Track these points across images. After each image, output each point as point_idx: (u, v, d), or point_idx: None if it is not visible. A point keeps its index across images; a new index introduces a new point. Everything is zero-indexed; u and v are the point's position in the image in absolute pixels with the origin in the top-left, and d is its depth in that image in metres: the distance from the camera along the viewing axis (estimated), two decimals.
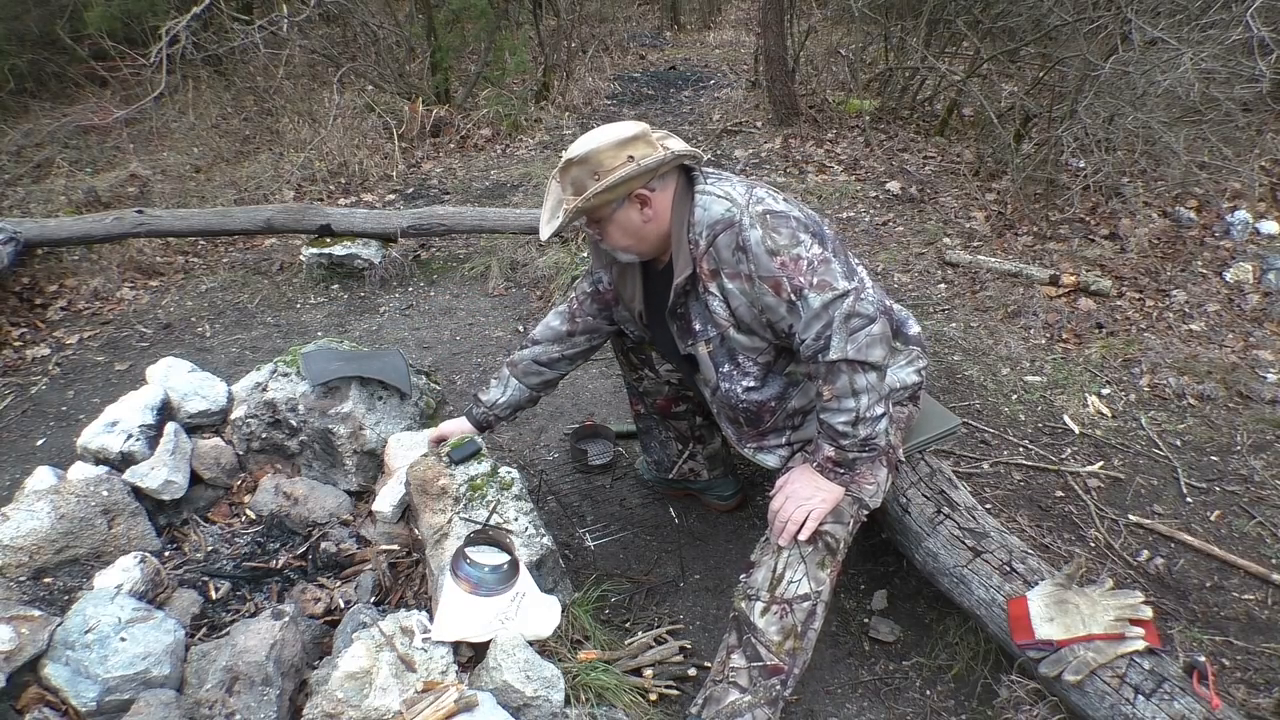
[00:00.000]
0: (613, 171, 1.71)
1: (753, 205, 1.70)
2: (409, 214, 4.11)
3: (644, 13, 10.24)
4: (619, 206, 1.76)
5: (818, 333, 1.66)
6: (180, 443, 2.37)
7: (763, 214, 1.68)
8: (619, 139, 1.72)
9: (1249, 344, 3.29)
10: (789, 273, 1.65)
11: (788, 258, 1.65)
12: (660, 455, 2.47)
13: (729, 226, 1.69)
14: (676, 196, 1.78)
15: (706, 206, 1.73)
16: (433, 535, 2.03)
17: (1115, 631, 1.69)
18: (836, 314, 1.64)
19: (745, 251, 1.67)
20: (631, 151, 1.72)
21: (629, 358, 2.32)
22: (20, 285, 3.95)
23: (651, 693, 1.90)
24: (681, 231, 1.76)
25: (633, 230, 1.80)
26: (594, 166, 1.72)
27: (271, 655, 1.74)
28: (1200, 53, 3.43)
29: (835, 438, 1.74)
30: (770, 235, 1.66)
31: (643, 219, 1.78)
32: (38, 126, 6.28)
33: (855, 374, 1.67)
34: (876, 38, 6.23)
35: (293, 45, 5.82)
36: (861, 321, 1.65)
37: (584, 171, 1.73)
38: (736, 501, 2.54)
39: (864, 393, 1.69)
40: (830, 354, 1.66)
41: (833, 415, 1.72)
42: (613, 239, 1.83)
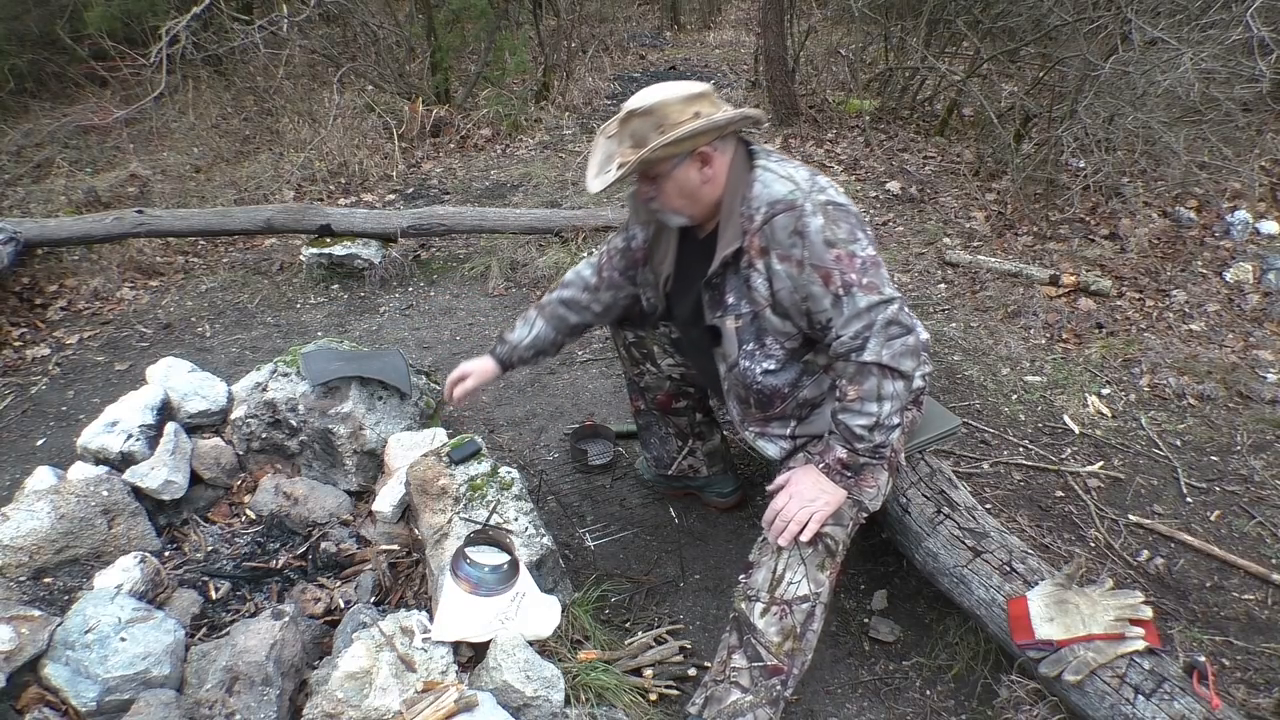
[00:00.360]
0: (679, 125, 1.66)
1: (816, 193, 1.68)
2: (409, 214, 4.11)
3: (644, 13, 10.23)
4: (679, 163, 1.72)
5: (857, 332, 1.66)
6: (180, 443, 2.37)
7: (825, 204, 1.67)
8: (686, 94, 1.69)
9: (1249, 344, 3.29)
10: (842, 267, 1.64)
11: (844, 252, 1.65)
12: (660, 452, 2.47)
13: (790, 208, 1.66)
14: (734, 164, 1.75)
15: (767, 183, 1.70)
16: (433, 535, 2.03)
17: (1115, 631, 1.69)
18: (879, 318, 1.64)
19: (802, 237, 1.66)
20: (698, 108, 1.68)
21: (630, 352, 2.31)
22: (20, 285, 3.95)
23: (651, 693, 1.90)
24: (735, 202, 1.74)
25: (689, 190, 1.76)
26: (659, 119, 1.67)
27: (271, 655, 1.74)
28: (1200, 53, 3.43)
29: (850, 440, 1.73)
30: (831, 226, 1.65)
31: (701, 179, 1.74)
32: (38, 126, 6.28)
33: (884, 380, 1.67)
34: (876, 38, 6.23)
35: (293, 45, 5.82)
36: (900, 330, 1.66)
37: (648, 124, 1.68)
38: (736, 499, 2.53)
39: (888, 400, 1.68)
40: (865, 355, 1.65)
41: (853, 417, 1.71)
42: (667, 198, 1.78)
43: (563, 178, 5.14)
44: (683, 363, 2.28)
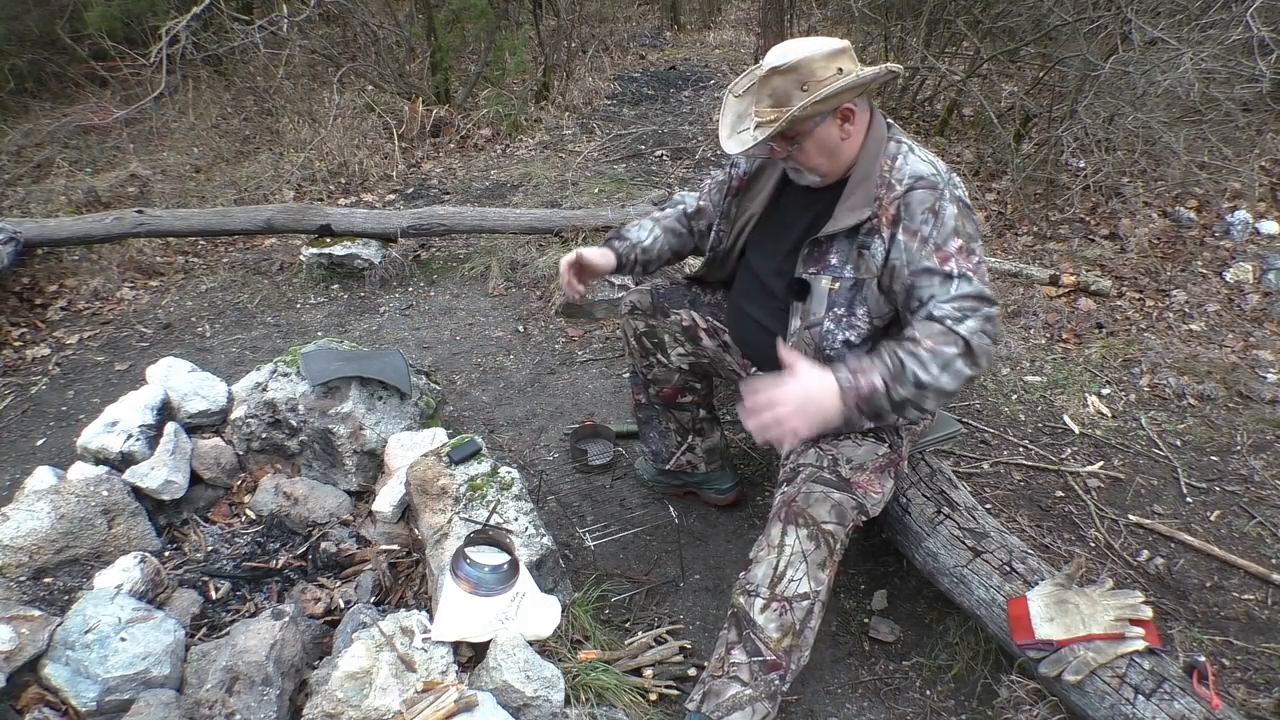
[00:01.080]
0: (824, 83, 1.64)
1: (953, 186, 1.71)
2: (409, 214, 4.11)
3: (644, 13, 10.23)
4: (822, 121, 1.69)
5: (961, 307, 1.63)
6: (180, 443, 2.37)
7: (960, 198, 1.70)
8: (829, 50, 1.65)
9: (1249, 344, 3.29)
10: (960, 257, 1.66)
11: (967, 245, 1.67)
12: (659, 446, 2.46)
13: (932, 188, 1.68)
14: (872, 125, 1.75)
15: (908, 159, 1.72)
16: (433, 535, 2.03)
17: (1115, 631, 1.69)
18: (984, 310, 1.64)
19: (937, 217, 1.67)
20: (841, 64, 1.66)
21: (641, 342, 2.30)
22: (20, 285, 3.95)
23: (651, 693, 1.90)
24: (871, 166, 1.73)
25: (830, 148, 1.73)
26: (804, 76, 1.64)
27: (271, 655, 1.74)
28: (1200, 53, 3.43)
29: (896, 380, 1.58)
30: (964, 220, 1.68)
31: (842, 135, 1.72)
32: (38, 126, 6.28)
33: (961, 356, 1.61)
34: (876, 38, 6.22)
35: (293, 45, 5.82)
36: (994, 330, 1.65)
37: (790, 81, 1.65)
38: (734, 496, 2.53)
39: (950, 374, 1.60)
40: (961, 327, 1.61)
41: (913, 362, 1.59)
42: (807, 156, 1.75)
43: (563, 178, 5.14)
44: (693, 351, 2.27)
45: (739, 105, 1.79)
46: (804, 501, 1.78)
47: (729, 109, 1.81)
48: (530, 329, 3.61)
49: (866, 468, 1.84)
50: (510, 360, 3.40)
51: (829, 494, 1.78)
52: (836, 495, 1.78)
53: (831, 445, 1.87)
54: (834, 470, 1.82)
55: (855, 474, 1.82)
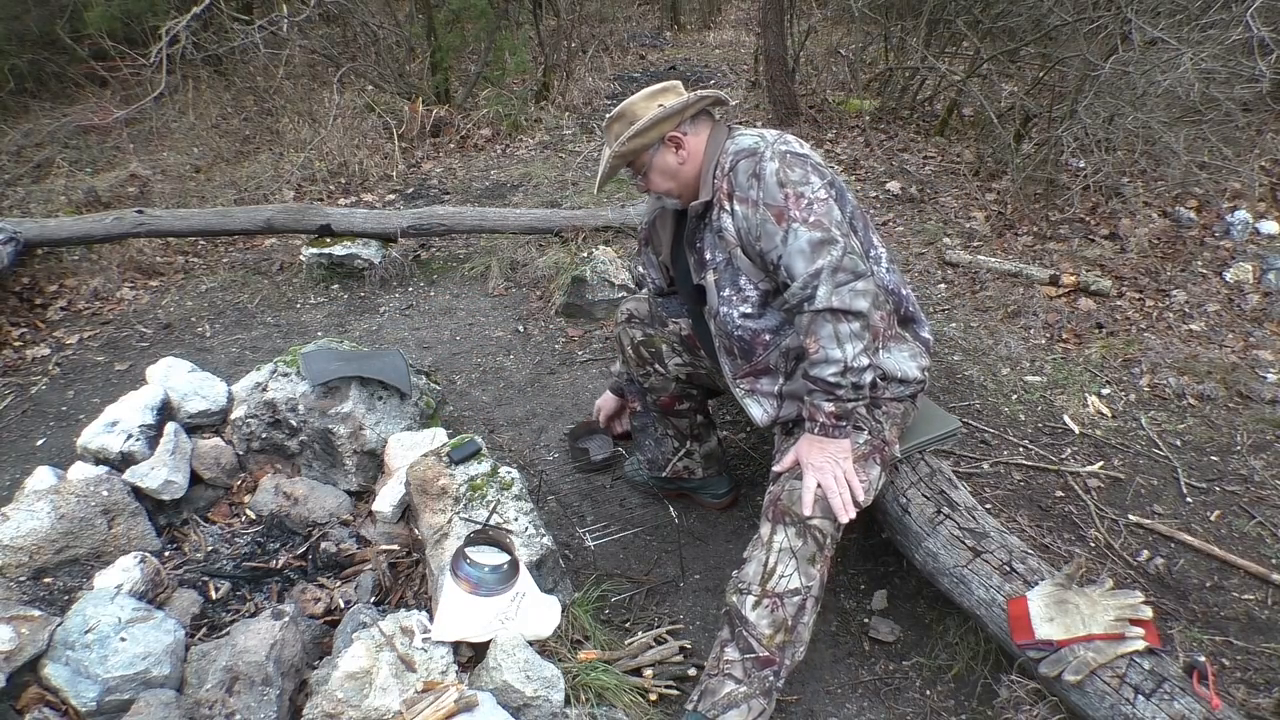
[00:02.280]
0: (640, 119, 1.88)
1: (777, 144, 1.82)
2: (409, 214, 4.11)
3: (644, 13, 10.23)
4: (655, 151, 1.92)
5: (805, 280, 1.72)
6: (180, 443, 2.37)
7: (783, 152, 1.80)
8: (650, 92, 1.93)
9: (1249, 344, 3.29)
10: (790, 204, 1.73)
11: (793, 191, 1.74)
12: (655, 453, 2.47)
13: (751, 155, 1.80)
14: (712, 140, 1.91)
15: (737, 141, 1.86)
16: (433, 535, 2.03)
17: (1115, 631, 1.69)
18: (825, 263, 1.71)
19: (759, 179, 1.77)
20: (661, 101, 1.91)
21: (639, 351, 2.32)
22: (20, 285, 3.95)
23: (651, 693, 1.90)
24: (711, 165, 1.87)
25: (670, 172, 1.93)
26: (630, 118, 1.90)
27: (271, 655, 1.74)
28: (1200, 53, 3.43)
29: (830, 390, 1.77)
30: (785, 170, 1.77)
31: (678, 160, 1.91)
32: (38, 126, 6.28)
33: (839, 322, 1.72)
34: (876, 38, 6.23)
35: (293, 45, 5.81)
36: (848, 276, 1.72)
37: (622, 124, 1.92)
38: (730, 500, 2.54)
39: (848, 341, 1.73)
40: (816, 303, 1.72)
41: (821, 369, 1.76)
42: (654, 182, 1.96)
43: (563, 178, 5.14)
44: (690, 361, 2.28)
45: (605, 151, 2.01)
46: (788, 499, 1.80)
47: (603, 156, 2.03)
48: (530, 329, 3.61)
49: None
50: (510, 360, 3.40)
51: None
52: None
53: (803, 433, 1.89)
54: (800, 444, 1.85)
55: None
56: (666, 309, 2.29)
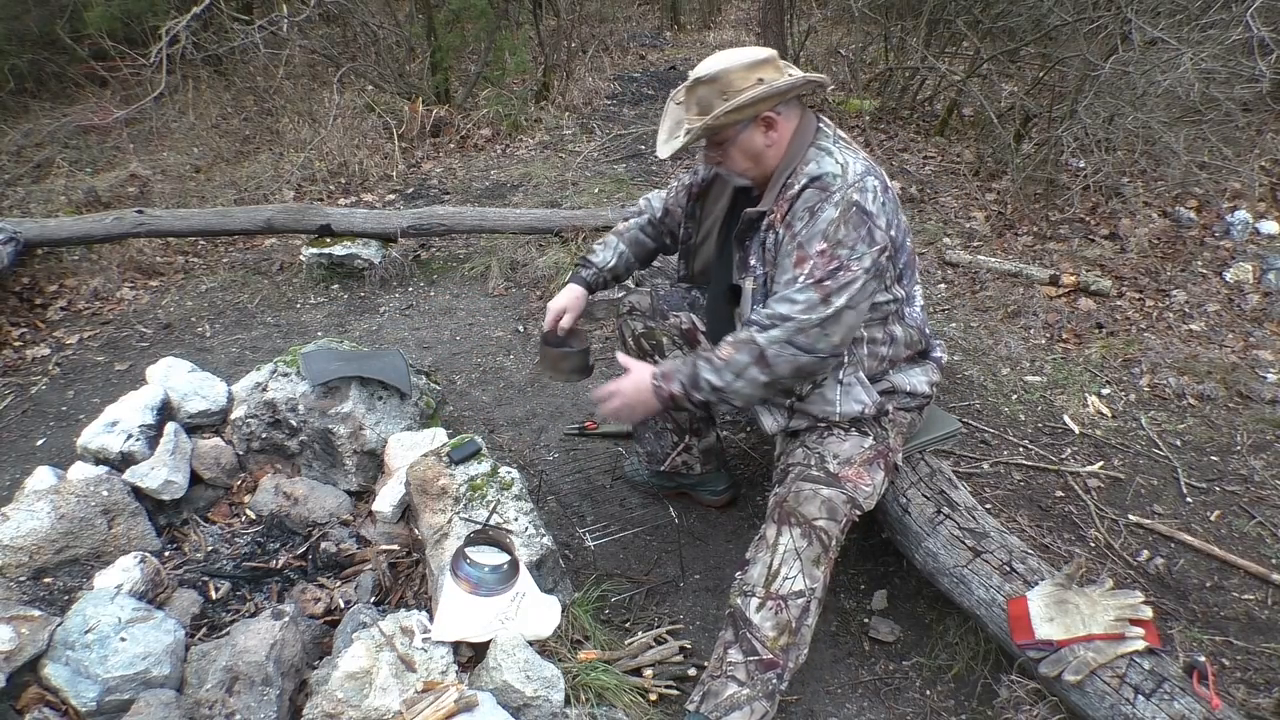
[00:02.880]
0: (742, 92, 1.73)
1: (851, 190, 1.72)
2: (409, 214, 4.11)
3: (644, 13, 10.23)
4: (744, 128, 1.79)
5: (774, 314, 1.72)
6: (180, 443, 2.37)
7: (853, 202, 1.72)
8: (750, 61, 1.75)
9: (1249, 344, 3.29)
10: (821, 261, 1.70)
11: (832, 252, 1.70)
12: (654, 446, 2.47)
13: (822, 189, 1.73)
14: (799, 132, 1.82)
15: (820, 161, 1.77)
16: (433, 535, 2.03)
17: (1115, 631, 1.69)
18: (799, 318, 1.70)
19: (812, 216, 1.73)
20: (761, 74, 1.75)
21: (640, 344, 2.32)
22: (20, 285, 3.95)
23: (651, 693, 1.90)
24: (787, 170, 1.80)
25: (754, 153, 1.82)
26: (723, 86, 1.74)
27: (271, 655, 1.74)
28: (1200, 53, 3.43)
29: (693, 385, 1.79)
30: (841, 224, 1.71)
31: (766, 142, 1.81)
32: (38, 126, 6.28)
33: (756, 365, 1.73)
34: (876, 38, 6.23)
35: (293, 45, 5.81)
36: (806, 343, 1.71)
37: (712, 91, 1.75)
38: (728, 497, 2.54)
39: (746, 382, 1.75)
40: (762, 336, 1.72)
41: (707, 369, 1.78)
42: (733, 161, 1.85)
43: (563, 178, 5.14)
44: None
45: (677, 112, 1.90)
46: (794, 501, 1.80)
47: (668, 115, 1.93)
48: (530, 329, 3.61)
49: (854, 461, 1.86)
50: (510, 360, 3.40)
51: (818, 490, 1.81)
52: (826, 491, 1.81)
53: (817, 443, 1.90)
54: (821, 467, 1.85)
55: (843, 468, 1.85)
56: (668, 302, 2.29)
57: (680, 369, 1.82)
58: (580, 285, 2.28)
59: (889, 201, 1.78)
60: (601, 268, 2.29)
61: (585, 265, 2.30)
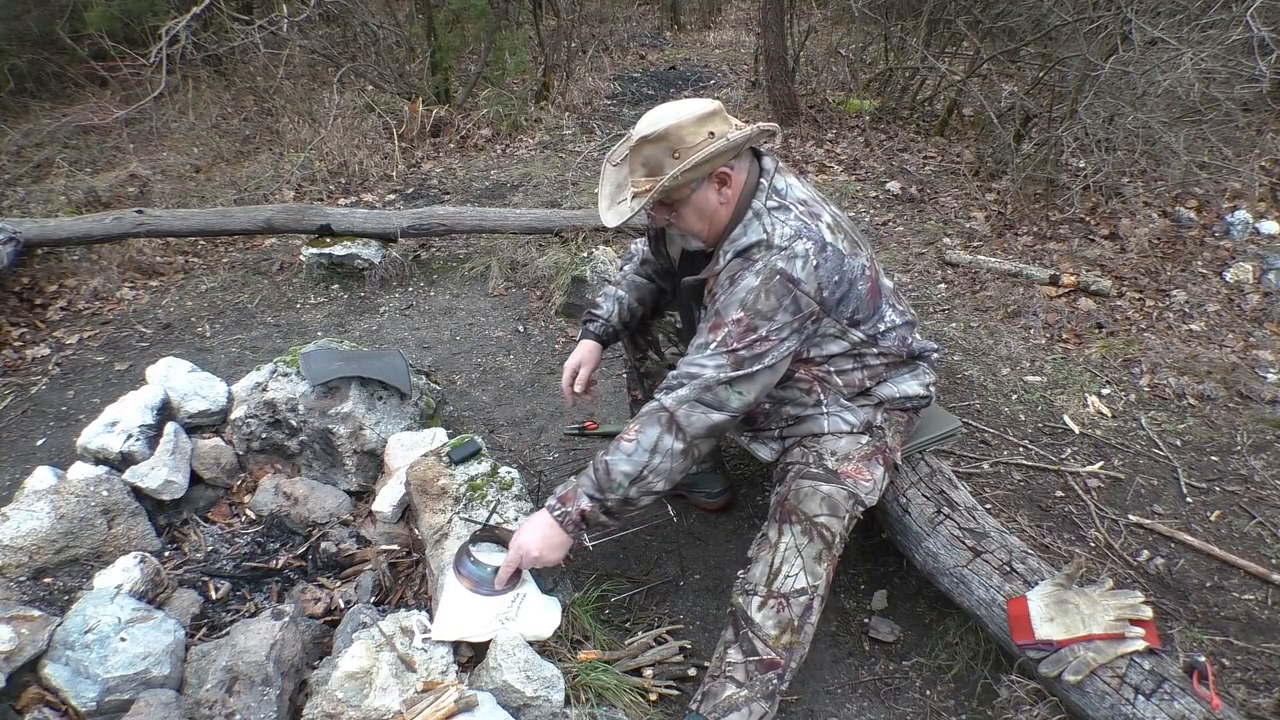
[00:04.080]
0: (695, 149, 1.62)
1: (778, 256, 1.64)
2: (409, 214, 4.11)
3: (644, 13, 10.23)
4: (698, 187, 1.69)
5: (680, 374, 1.67)
6: (180, 443, 2.37)
7: (778, 270, 1.64)
8: (699, 114, 1.63)
9: (1249, 344, 3.29)
10: (736, 330, 1.64)
11: (749, 320, 1.64)
12: None
13: (744, 258, 1.67)
14: (745, 186, 1.73)
15: (749, 228, 1.69)
16: (433, 535, 2.03)
17: (1115, 631, 1.69)
18: (708, 376, 1.64)
19: (732, 284, 1.68)
20: (711, 128, 1.64)
21: (635, 339, 2.32)
22: (20, 285, 3.95)
23: (651, 693, 1.90)
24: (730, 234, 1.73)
25: (708, 212, 1.73)
26: (674, 143, 1.62)
27: (271, 655, 1.74)
28: (1200, 53, 3.43)
29: (604, 488, 1.67)
30: (762, 293, 1.63)
31: (720, 200, 1.72)
32: (38, 126, 6.27)
33: (666, 433, 1.66)
34: (876, 38, 6.23)
35: (293, 45, 5.82)
36: (713, 401, 1.65)
37: (661, 150, 1.64)
38: (724, 500, 2.54)
39: (661, 456, 1.66)
40: (669, 398, 1.66)
41: (619, 460, 1.66)
42: (686, 222, 1.75)
43: (563, 178, 5.14)
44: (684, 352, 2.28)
45: (617, 174, 1.79)
46: (795, 498, 1.80)
47: (607, 179, 1.81)
48: (530, 329, 3.61)
49: (852, 457, 1.86)
50: (510, 360, 3.40)
51: (818, 487, 1.80)
52: (826, 488, 1.80)
53: (814, 442, 1.90)
54: (820, 464, 1.84)
55: (842, 464, 1.84)
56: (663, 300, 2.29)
57: (581, 481, 1.70)
58: (591, 339, 2.18)
59: (825, 261, 1.67)
60: (606, 318, 2.19)
61: (591, 320, 2.21)
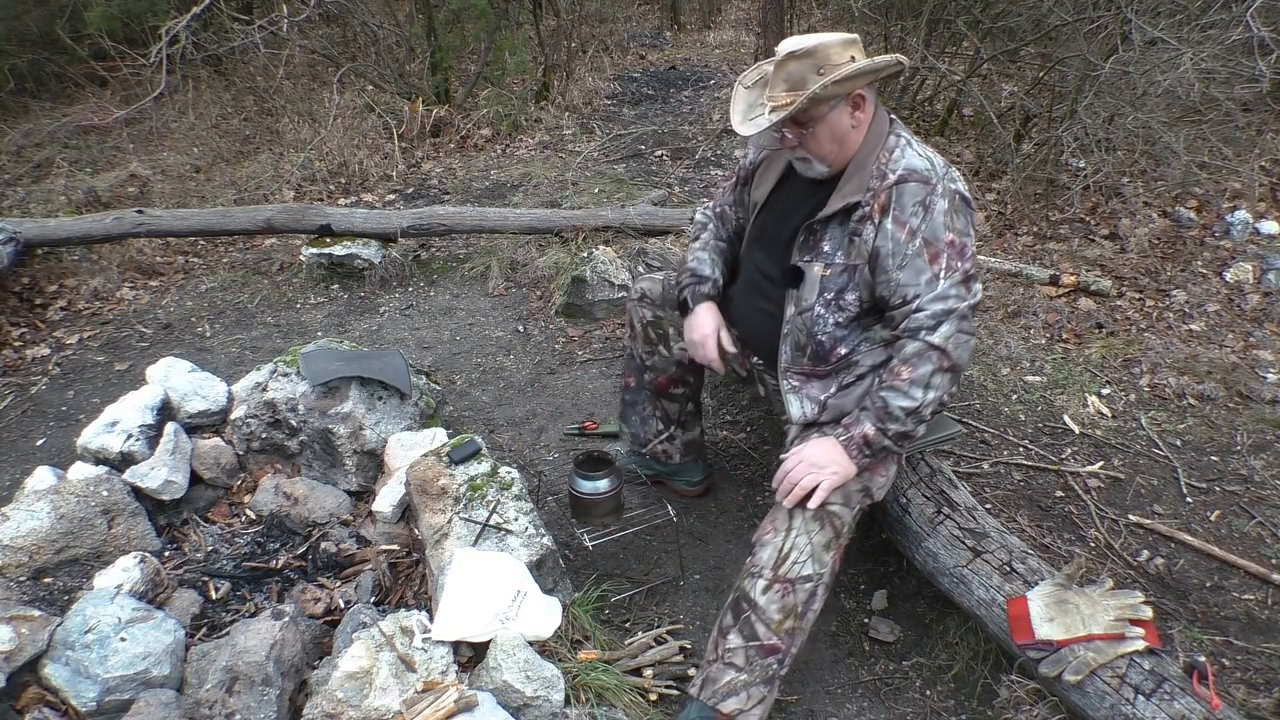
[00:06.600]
0: (839, 66, 1.68)
1: (948, 181, 1.75)
2: (409, 214, 4.11)
3: (644, 13, 10.22)
4: (836, 106, 1.73)
5: (935, 313, 1.70)
6: (180, 443, 2.37)
7: (955, 192, 1.74)
8: (842, 39, 1.72)
9: (1249, 344, 3.29)
10: (953, 251, 1.71)
11: (958, 239, 1.71)
12: (639, 430, 2.47)
13: (924, 182, 1.73)
14: (876, 119, 1.80)
15: (905, 153, 1.76)
16: (433, 535, 2.03)
17: (1115, 631, 1.69)
18: (960, 307, 1.70)
19: (927, 211, 1.71)
20: (852, 53, 1.72)
21: (646, 331, 2.31)
22: (20, 285, 3.95)
23: (651, 693, 1.90)
24: (869, 157, 1.77)
25: (840, 134, 1.77)
26: (819, 61, 1.68)
27: (271, 655, 1.74)
28: (1200, 53, 3.43)
29: (884, 419, 1.74)
30: (954, 215, 1.73)
31: (852, 123, 1.76)
32: (38, 126, 6.27)
33: (940, 369, 1.71)
34: (876, 38, 6.22)
35: (293, 45, 5.81)
36: (969, 327, 1.72)
37: (807, 66, 1.69)
38: (703, 488, 2.56)
39: (935, 389, 1.72)
40: (934, 337, 1.70)
41: (896, 396, 1.72)
42: (818, 143, 1.78)
43: (563, 178, 5.13)
44: None
45: (749, 96, 1.83)
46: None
47: (739, 99, 1.85)
48: (530, 329, 3.61)
49: None
50: (510, 360, 3.40)
51: None
52: None
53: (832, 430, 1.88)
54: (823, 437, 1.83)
55: None
56: None
57: (865, 411, 1.77)
58: (709, 300, 2.10)
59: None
60: (715, 280, 2.11)
61: (700, 282, 2.11)
